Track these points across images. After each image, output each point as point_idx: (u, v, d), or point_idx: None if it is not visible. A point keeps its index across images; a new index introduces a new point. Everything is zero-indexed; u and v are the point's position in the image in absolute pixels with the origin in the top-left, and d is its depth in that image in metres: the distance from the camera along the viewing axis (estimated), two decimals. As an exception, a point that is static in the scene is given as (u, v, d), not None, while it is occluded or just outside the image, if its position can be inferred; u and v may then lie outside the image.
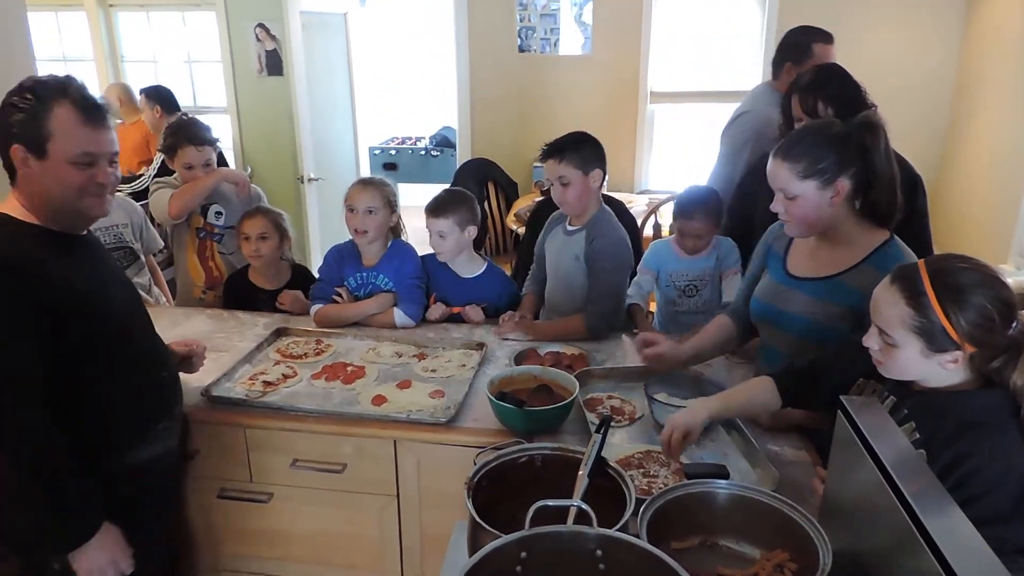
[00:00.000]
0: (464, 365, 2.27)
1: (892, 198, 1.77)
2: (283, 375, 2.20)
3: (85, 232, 1.74)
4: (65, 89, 1.58)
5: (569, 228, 2.53)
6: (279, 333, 2.49)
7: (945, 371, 1.36)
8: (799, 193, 1.74)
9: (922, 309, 1.32)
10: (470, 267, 2.65)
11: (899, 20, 4.73)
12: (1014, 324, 1.32)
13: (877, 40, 4.72)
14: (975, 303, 1.30)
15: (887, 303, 1.38)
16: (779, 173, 1.76)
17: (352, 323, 2.55)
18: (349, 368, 2.24)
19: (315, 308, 2.57)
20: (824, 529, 1.23)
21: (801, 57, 2.80)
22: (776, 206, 1.80)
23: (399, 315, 2.53)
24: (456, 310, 2.61)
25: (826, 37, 2.86)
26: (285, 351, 2.37)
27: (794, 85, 2.31)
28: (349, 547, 2.13)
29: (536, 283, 2.71)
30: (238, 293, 2.80)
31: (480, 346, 2.37)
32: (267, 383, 2.15)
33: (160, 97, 4.92)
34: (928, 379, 1.40)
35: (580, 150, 2.40)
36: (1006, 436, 1.30)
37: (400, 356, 2.34)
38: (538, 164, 5.19)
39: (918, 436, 1.36)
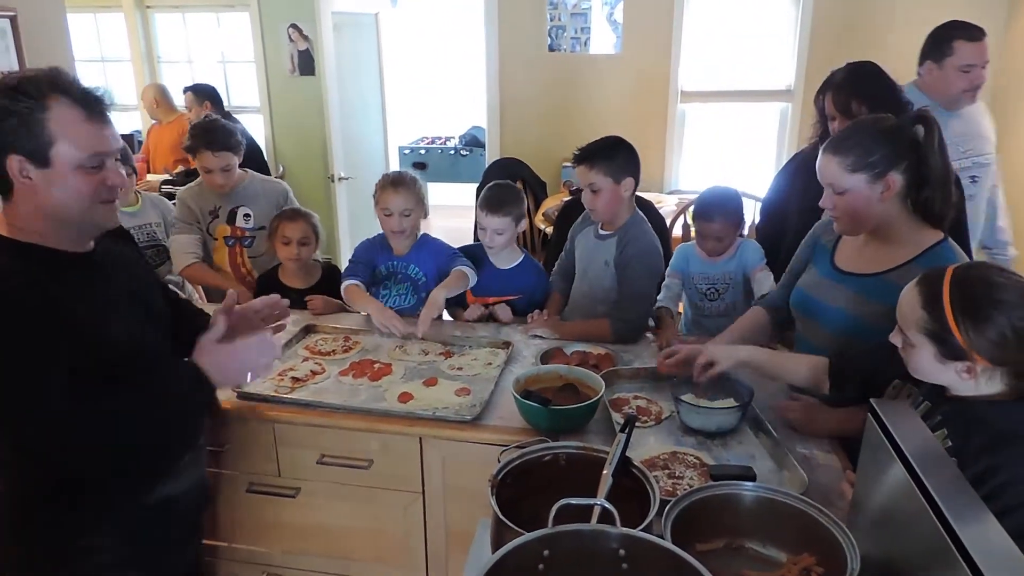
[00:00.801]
0: (490, 363, 2.27)
1: (946, 196, 1.72)
2: (311, 371, 2.22)
3: (91, 247, 1.52)
4: (57, 82, 1.37)
5: (601, 232, 2.51)
6: (308, 330, 2.51)
7: (962, 380, 1.33)
8: (848, 187, 1.71)
9: (935, 314, 1.31)
10: (508, 258, 2.67)
11: (937, 19, 4.63)
12: None
13: (914, 39, 4.64)
14: (994, 320, 1.27)
15: (907, 303, 1.38)
16: (828, 167, 1.73)
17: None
18: (376, 365, 2.26)
19: (346, 283, 2.56)
20: (852, 534, 1.21)
21: (941, 55, 2.62)
22: (825, 202, 1.77)
23: (469, 272, 2.54)
24: (491, 300, 2.62)
25: (971, 33, 2.63)
26: (313, 348, 2.40)
27: (827, 83, 2.28)
28: (375, 542, 2.14)
29: (563, 277, 2.70)
30: (269, 293, 2.80)
31: (506, 345, 2.37)
32: (295, 379, 2.17)
33: (208, 94, 5.00)
34: (955, 387, 1.37)
35: (613, 157, 2.36)
36: None
37: (426, 354, 2.35)
38: (567, 164, 5.19)
39: (950, 444, 1.34)
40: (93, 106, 1.41)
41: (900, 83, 2.26)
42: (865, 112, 2.14)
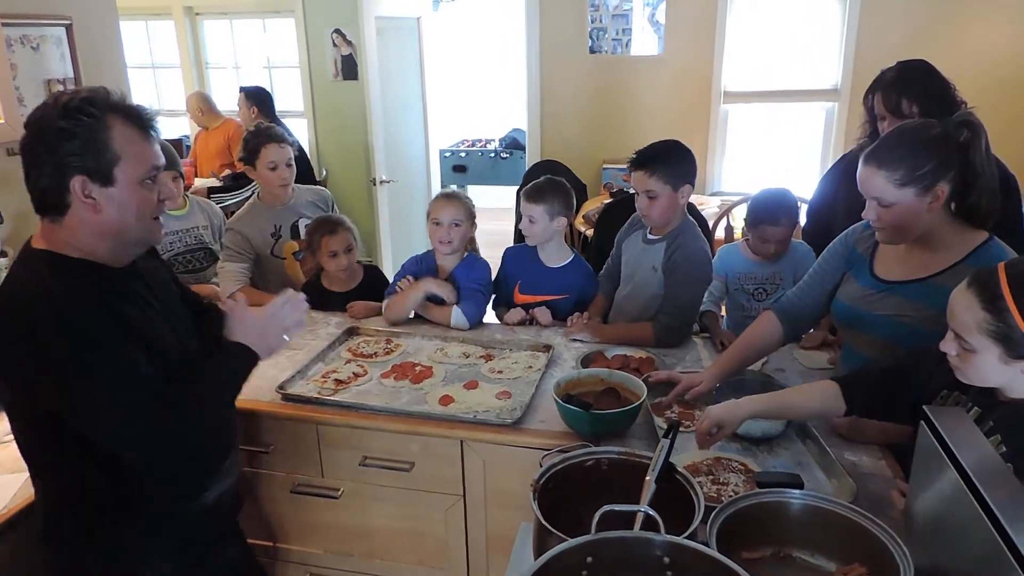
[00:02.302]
0: (531, 367, 2.26)
1: (992, 199, 1.68)
2: (354, 374, 2.24)
3: (131, 263, 1.53)
4: (112, 103, 1.40)
5: (650, 237, 2.47)
6: (350, 332, 2.53)
7: (1021, 379, 1.29)
8: (896, 201, 1.64)
9: (999, 314, 1.26)
10: (557, 257, 2.66)
11: (989, 16, 4.52)
12: None
13: (965, 37, 4.53)
14: None
15: (963, 307, 1.31)
16: (873, 181, 1.66)
17: (418, 319, 2.61)
18: (417, 368, 2.26)
19: (385, 303, 2.62)
20: (905, 544, 1.18)
21: None
22: (868, 214, 1.71)
23: (456, 314, 2.54)
24: (536, 300, 2.62)
25: None
26: (356, 350, 2.42)
27: (877, 82, 2.23)
28: (416, 544, 2.15)
29: (609, 281, 2.66)
30: (312, 298, 2.81)
31: (547, 348, 2.36)
32: (338, 381, 2.19)
33: (258, 98, 5.07)
34: (1013, 388, 1.33)
35: (673, 163, 2.31)
36: None
37: (467, 357, 2.35)
38: (608, 166, 5.16)
39: (1004, 449, 1.29)
40: (145, 123, 1.43)
41: (952, 83, 2.20)
42: (916, 112, 2.09)
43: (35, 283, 1.37)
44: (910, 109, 2.11)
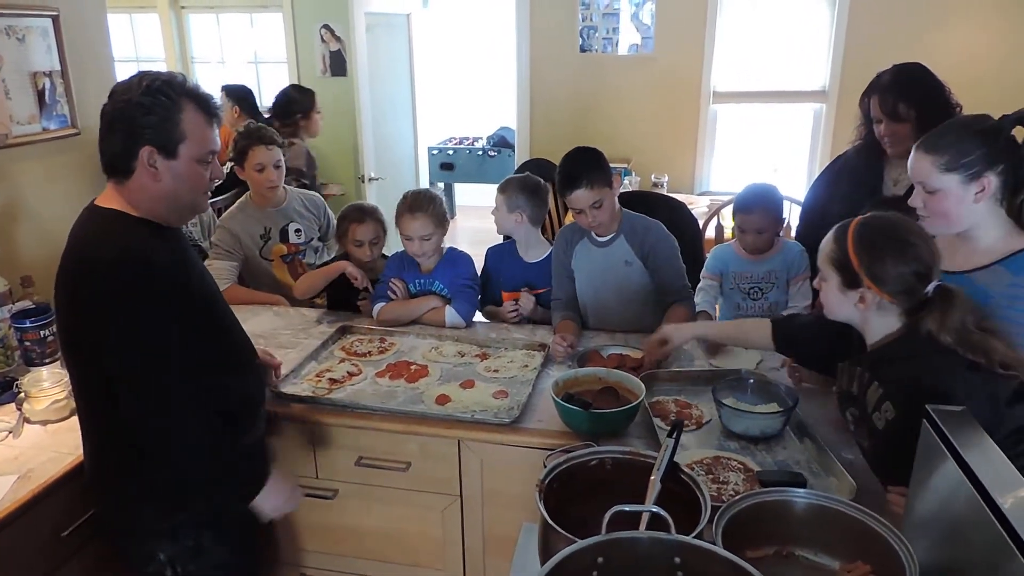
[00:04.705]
0: (527, 366, 2.26)
1: None
2: (348, 373, 2.22)
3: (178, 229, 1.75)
4: (187, 88, 1.57)
5: (600, 240, 2.47)
6: (343, 331, 2.52)
7: (858, 311, 1.52)
8: (940, 187, 1.65)
9: (840, 243, 1.52)
10: (536, 251, 2.68)
11: (976, 18, 4.57)
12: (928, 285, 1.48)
13: (952, 39, 4.57)
14: (881, 246, 1.48)
15: (825, 240, 1.57)
16: (921, 165, 1.68)
17: (413, 321, 2.59)
18: (413, 367, 2.25)
19: (377, 307, 2.59)
20: (910, 542, 1.18)
21: None
22: (915, 200, 1.71)
23: (450, 313, 2.54)
24: (517, 295, 2.63)
25: None
26: (350, 349, 2.40)
27: (874, 85, 2.24)
28: (412, 545, 2.14)
29: (568, 306, 2.53)
30: (337, 292, 2.78)
31: (542, 347, 2.35)
32: (332, 380, 2.18)
33: (239, 97, 4.96)
34: (867, 330, 1.56)
35: (601, 166, 2.35)
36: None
37: (462, 356, 2.34)
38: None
39: (881, 391, 1.50)
40: (212, 111, 1.61)
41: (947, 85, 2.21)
42: (913, 116, 2.10)
43: (95, 231, 1.57)
44: (907, 112, 2.12)
